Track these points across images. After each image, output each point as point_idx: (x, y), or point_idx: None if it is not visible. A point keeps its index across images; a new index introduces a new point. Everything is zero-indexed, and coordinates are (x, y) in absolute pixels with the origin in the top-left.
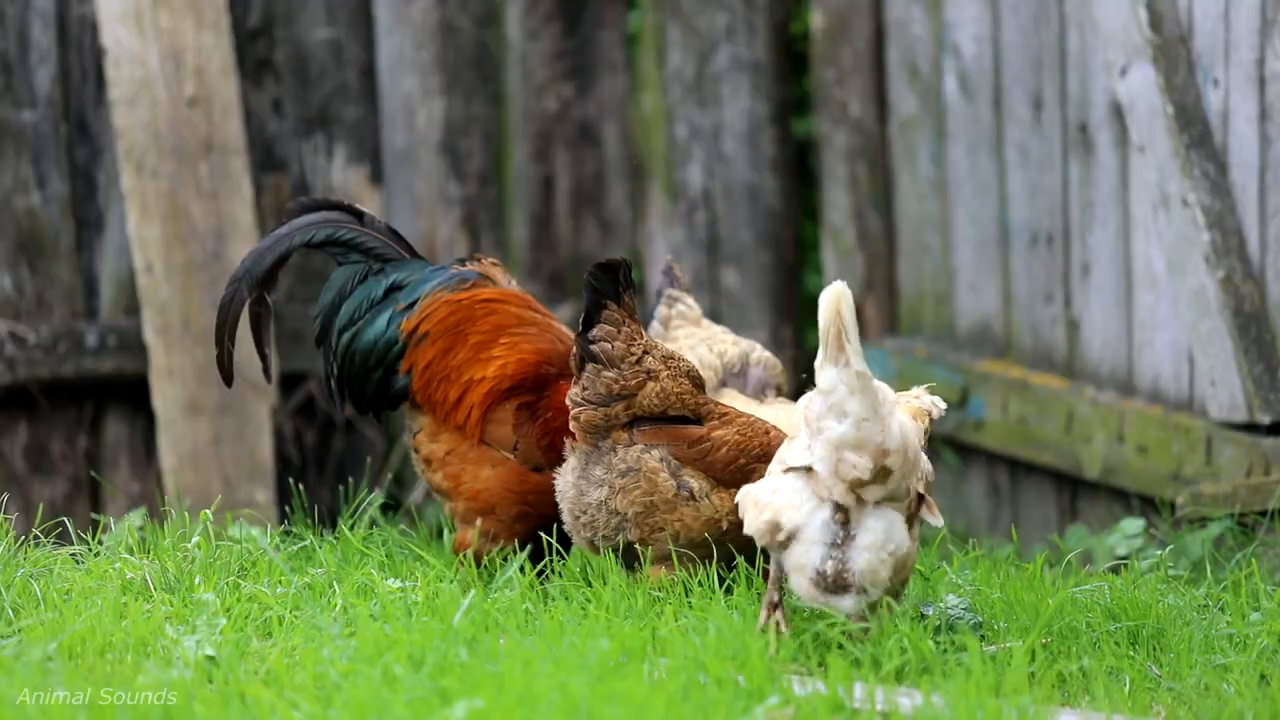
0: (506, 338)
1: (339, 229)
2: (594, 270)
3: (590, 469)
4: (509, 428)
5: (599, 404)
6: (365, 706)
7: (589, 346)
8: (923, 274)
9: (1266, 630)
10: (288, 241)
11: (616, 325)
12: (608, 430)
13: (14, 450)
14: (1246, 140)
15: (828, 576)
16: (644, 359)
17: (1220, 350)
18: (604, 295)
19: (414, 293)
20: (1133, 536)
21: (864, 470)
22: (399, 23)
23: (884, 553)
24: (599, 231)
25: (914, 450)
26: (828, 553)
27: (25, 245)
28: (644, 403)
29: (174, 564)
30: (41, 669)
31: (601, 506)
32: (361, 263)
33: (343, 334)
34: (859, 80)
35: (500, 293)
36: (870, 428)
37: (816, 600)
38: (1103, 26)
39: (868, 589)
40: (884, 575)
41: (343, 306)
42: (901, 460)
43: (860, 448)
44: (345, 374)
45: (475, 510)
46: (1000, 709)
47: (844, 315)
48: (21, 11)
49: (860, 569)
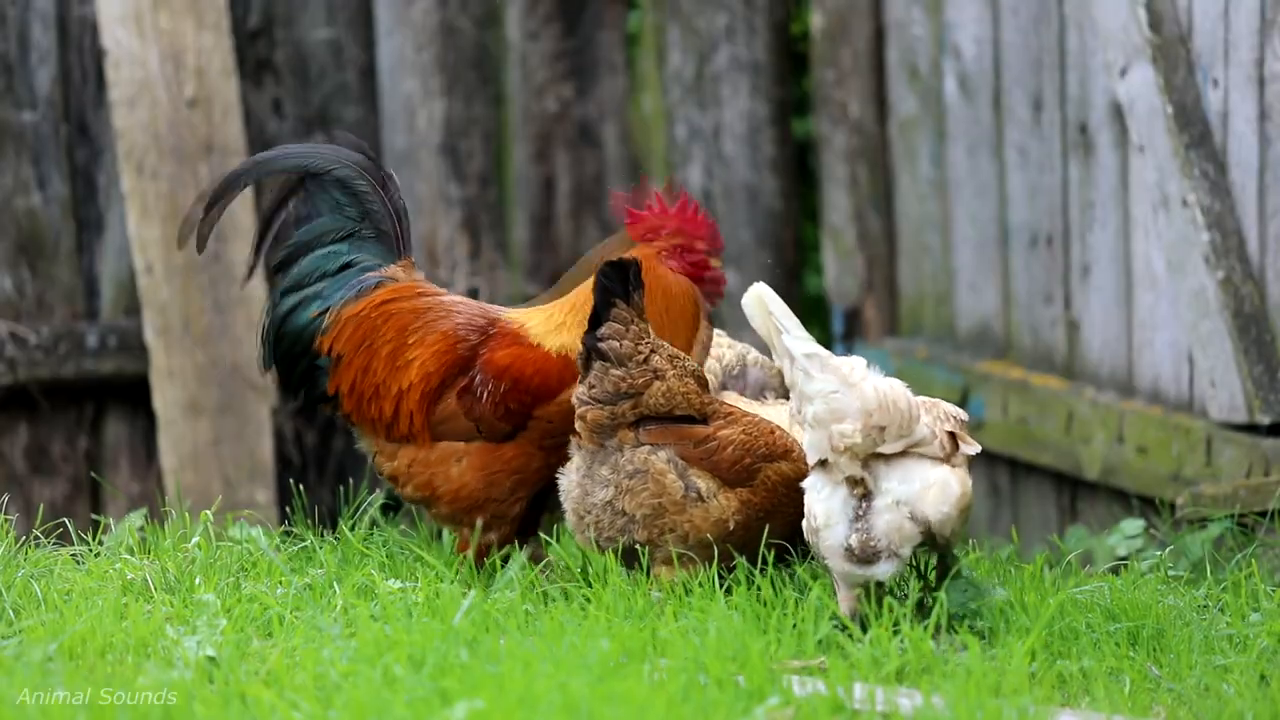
0: (413, 336)
1: (361, 177)
2: (604, 269)
3: (596, 469)
4: (460, 419)
5: (605, 402)
6: (365, 707)
7: (598, 344)
8: (923, 275)
9: (1266, 631)
10: (309, 159)
11: (625, 324)
12: (614, 429)
13: (14, 451)
14: (1246, 140)
15: (855, 550)
16: (651, 358)
17: (1220, 351)
18: (613, 294)
19: (327, 301)
20: (1133, 537)
21: (853, 434)
22: (399, 24)
23: (905, 508)
24: (600, 232)
25: (902, 400)
26: (850, 528)
27: (25, 246)
28: (650, 402)
29: (174, 564)
30: (42, 669)
31: (607, 507)
32: (353, 222)
33: (286, 295)
34: (859, 81)
35: (392, 290)
36: (841, 398)
37: (855, 577)
38: (1102, 27)
39: (897, 549)
40: (911, 529)
41: (303, 259)
42: (889, 414)
43: (841, 417)
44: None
45: (462, 509)
46: (1000, 709)
47: (774, 312)
48: (22, 13)
49: (882, 529)
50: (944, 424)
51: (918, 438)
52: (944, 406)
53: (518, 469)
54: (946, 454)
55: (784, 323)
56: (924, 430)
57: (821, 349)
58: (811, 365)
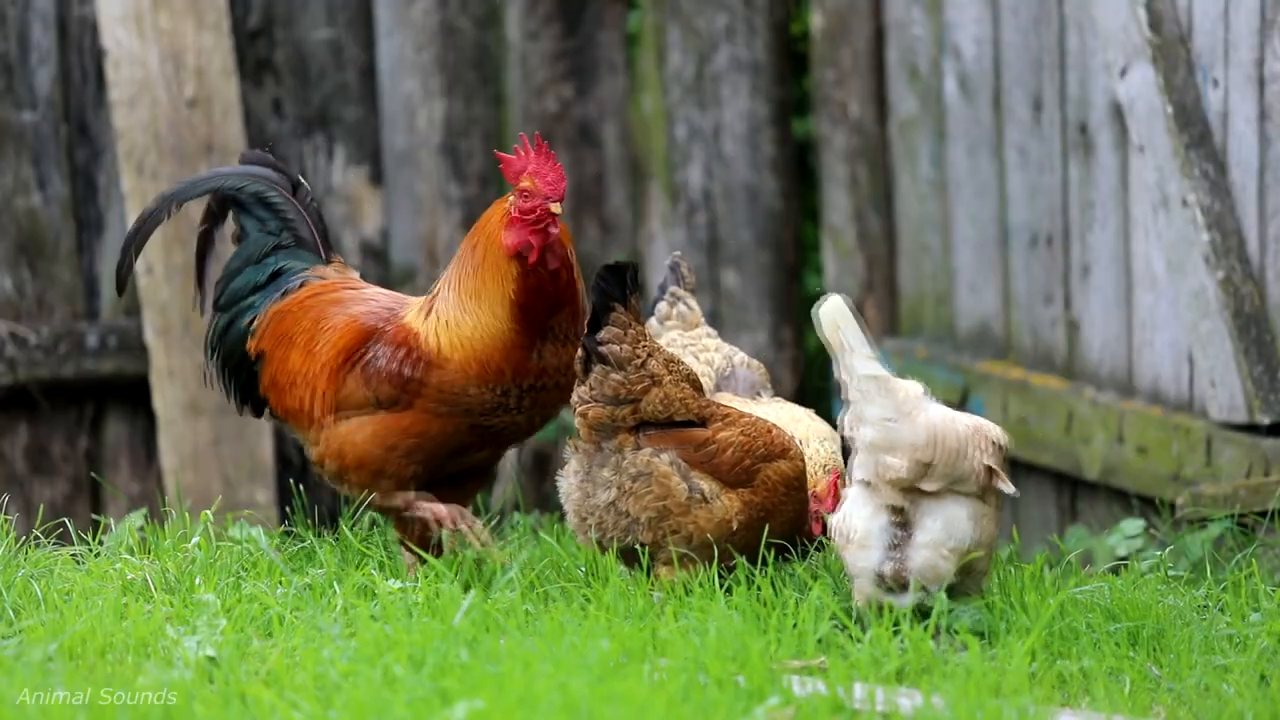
0: (327, 324)
1: (270, 189)
2: (602, 272)
3: (596, 471)
4: (361, 390)
5: (606, 403)
6: (365, 707)
7: (598, 348)
8: (923, 275)
9: (1266, 631)
10: (220, 181)
11: (623, 328)
12: (613, 431)
13: (14, 451)
14: (1246, 140)
15: (886, 577)
16: (648, 363)
17: (1220, 351)
18: (611, 297)
19: (257, 310)
20: (1133, 537)
21: (900, 469)
22: (400, 24)
23: (944, 549)
24: (599, 232)
25: (952, 437)
26: (886, 555)
27: (26, 246)
28: (649, 408)
29: (174, 564)
30: (42, 669)
31: (610, 508)
32: (274, 236)
33: (223, 312)
34: (859, 81)
35: (320, 286)
36: (896, 427)
37: (878, 599)
38: (1102, 27)
39: (928, 585)
40: (945, 569)
41: (237, 278)
42: (937, 452)
43: (892, 448)
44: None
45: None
46: (1000, 709)
47: (841, 326)
48: (22, 13)
49: (918, 566)
50: (984, 455)
51: (959, 475)
52: (988, 432)
53: (415, 434)
54: (981, 489)
55: (850, 340)
56: (965, 467)
57: (883, 371)
58: (871, 387)
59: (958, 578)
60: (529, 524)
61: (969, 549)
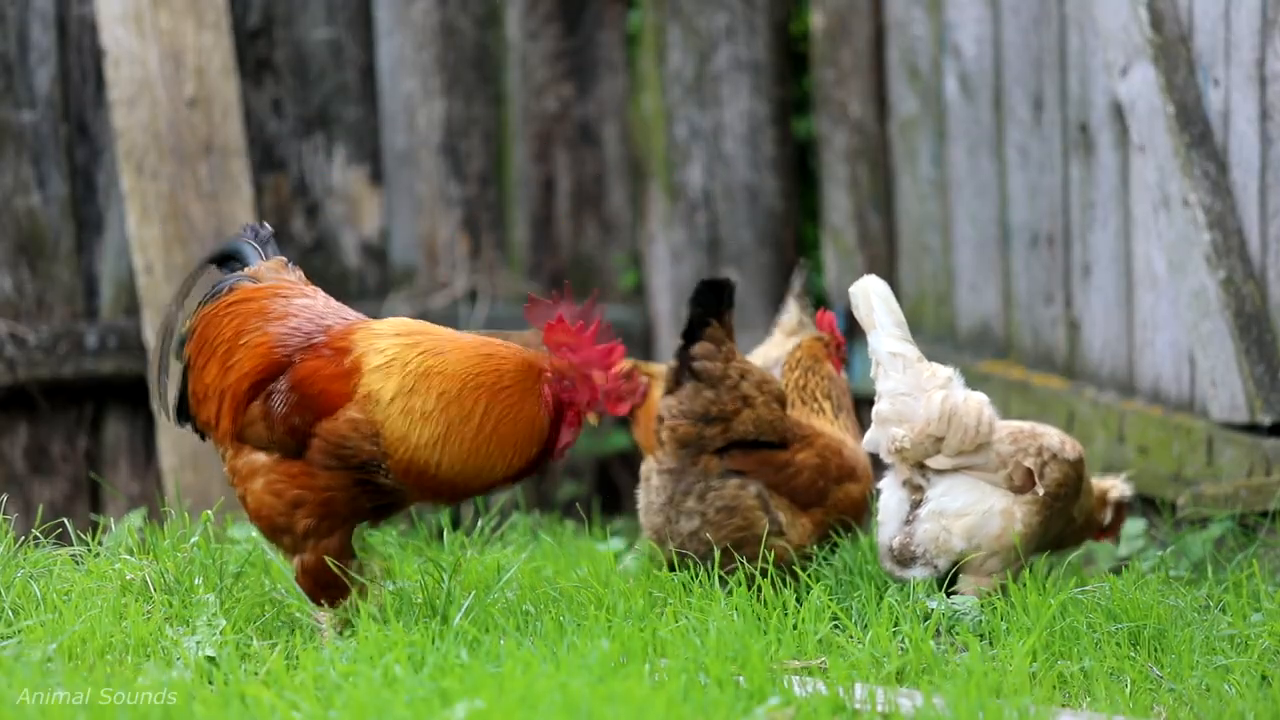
0: (245, 337)
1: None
2: (700, 287)
3: (680, 500)
4: (259, 425)
5: (695, 420)
6: (365, 707)
7: (691, 364)
8: (923, 275)
9: (1267, 631)
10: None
11: (717, 344)
12: (700, 449)
13: (14, 451)
14: (1247, 140)
15: (894, 550)
16: (740, 383)
17: (1221, 351)
18: (709, 312)
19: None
20: (1134, 537)
21: (902, 439)
22: (399, 23)
23: (945, 519)
24: (600, 232)
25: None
26: (899, 528)
27: (25, 246)
28: (739, 429)
29: (174, 565)
30: (41, 669)
31: (693, 537)
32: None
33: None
34: (859, 80)
35: (247, 290)
36: (907, 402)
37: (895, 575)
38: (1103, 26)
39: (935, 560)
40: (953, 544)
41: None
42: (949, 428)
43: (900, 420)
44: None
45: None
46: (1001, 710)
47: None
48: (21, 12)
49: (920, 538)
50: (1028, 457)
51: (980, 460)
52: (1045, 440)
53: (301, 486)
54: (1015, 486)
55: (879, 318)
56: (991, 454)
57: (912, 351)
58: (891, 364)
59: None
60: (529, 524)
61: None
